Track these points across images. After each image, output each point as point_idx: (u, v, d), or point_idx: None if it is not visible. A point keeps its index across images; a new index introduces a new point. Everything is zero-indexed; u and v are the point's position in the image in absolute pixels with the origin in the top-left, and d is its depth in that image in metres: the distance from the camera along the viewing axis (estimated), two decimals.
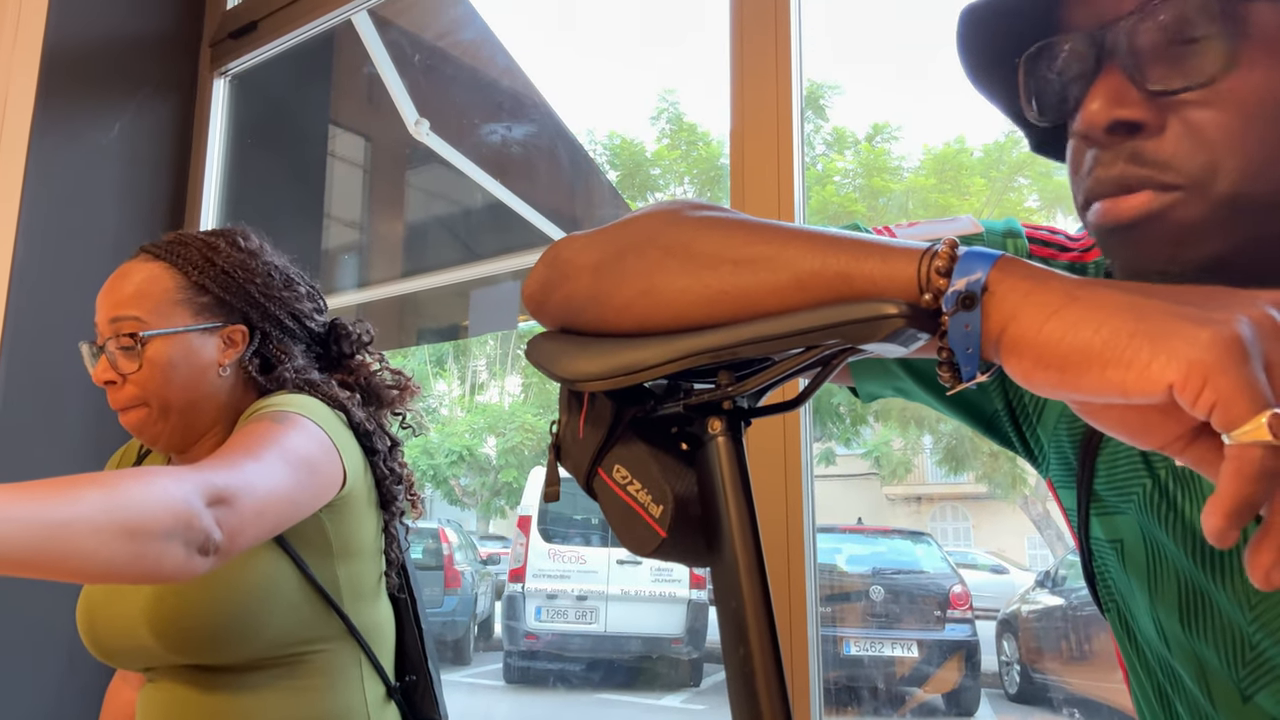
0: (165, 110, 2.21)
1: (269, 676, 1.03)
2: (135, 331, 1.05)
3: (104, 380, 1.06)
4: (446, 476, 12.69)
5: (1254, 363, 0.35)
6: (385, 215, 2.80)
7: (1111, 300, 0.39)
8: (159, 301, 1.07)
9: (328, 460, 1.00)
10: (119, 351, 1.06)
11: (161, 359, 1.06)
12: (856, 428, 10.72)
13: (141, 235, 2.21)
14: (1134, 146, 0.51)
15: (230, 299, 1.11)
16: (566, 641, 7.40)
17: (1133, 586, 0.60)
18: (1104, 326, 0.38)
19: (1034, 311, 0.41)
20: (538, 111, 2.79)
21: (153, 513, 0.74)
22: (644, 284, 0.53)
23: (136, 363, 1.05)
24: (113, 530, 0.71)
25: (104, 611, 1.06)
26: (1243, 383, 0.35)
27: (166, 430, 1.08)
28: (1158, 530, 0.58)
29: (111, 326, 1.07)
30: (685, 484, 0.51)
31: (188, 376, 1.07)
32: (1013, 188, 10.29)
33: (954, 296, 0.42)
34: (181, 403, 1.07)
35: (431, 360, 14.16)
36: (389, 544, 1.16)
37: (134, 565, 0.73)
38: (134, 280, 1.09)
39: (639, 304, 0.53)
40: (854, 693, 6.46)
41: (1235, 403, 0.35)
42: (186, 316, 1.08)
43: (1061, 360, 0.39)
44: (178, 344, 1.07)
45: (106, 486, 0.74)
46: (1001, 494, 10.79)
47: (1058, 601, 6.56)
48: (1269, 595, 0.52)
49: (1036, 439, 0.67)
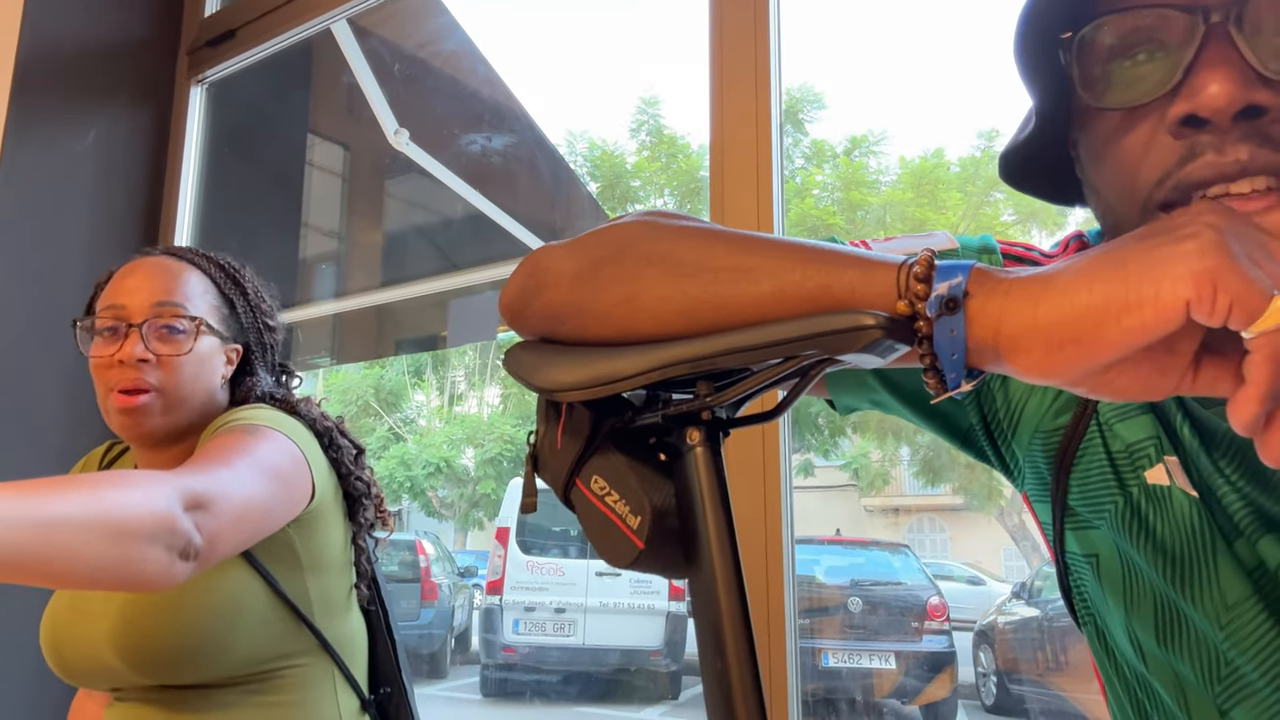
0: (141, 117, 2.19)
1: (241, 694, 1.02)
2: (197, 317, 1.08)
3: (136, 358, 1.05)
4: (424, 488, 12.61)
5: (1242, 258, 0.37)
6: (364, 225, 2.79)
7: (1086, 265, 0.40)
8: (200, 301, 1.11)
9: (297, 473, 1.00)
10: (160, 333, 1.06)
11: (201, 353, 1.09)
12: (835, 439, 10.76)
13: (116, 243, 2.19)
14: (1261, 130, 0.47)
15: (245, 322, 1.17)
16: (544, 654, 7.36)
17: (1109, 602, 0.60)
18: (1095, 285, 0.38)
19: (1021, 303, 0.41)
20: (518, 122, 2.79)
21: (137, 515, 0.73)
22: (623, 292, 0.52)
23: (189, 345, 1.07)
24: (99, 531, 0.70)
25: (68, 632, 1.03)
26: (1247, 276, 0.36)
27: (165, 422, 1.07)
28: (1129, 547, 0.58)
29: (157, 309, 1.07)
30: (663, 495, 0.51)
31: (206, 378, 1.10)
32: (988, 202, 10.39)
33: (937, 301, 0.42)
34: (192, 401, 1.08)
35: (410, 371, 14.08)
36: (358, 556, 1.15)
37: (120, 568, 0.72)
38: (178, 274, 1.11)
39: (618, 312, 0.52)
40: (832, 705, 6.46)
41: (1249, 296, 0.36)
42: (215, 323, 1.12)
43: (1074, 332, 0.39)
44: (210, 345, 1.11)
45: (86, 488, 0.72)
46: (978, 506, 10.85)
47: (1034, 613, 6.60)
48: (1239, 614, 0.52)
49: (1011, 454, 0.67)
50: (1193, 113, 0.48)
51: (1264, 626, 0.52)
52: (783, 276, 0.47)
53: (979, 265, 0.43)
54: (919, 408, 0.68)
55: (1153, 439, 0.58)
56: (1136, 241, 0.39)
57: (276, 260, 2.48)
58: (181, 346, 1.07)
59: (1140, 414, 0.59)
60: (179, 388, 1.07)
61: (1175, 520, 0.56)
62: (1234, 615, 0.53)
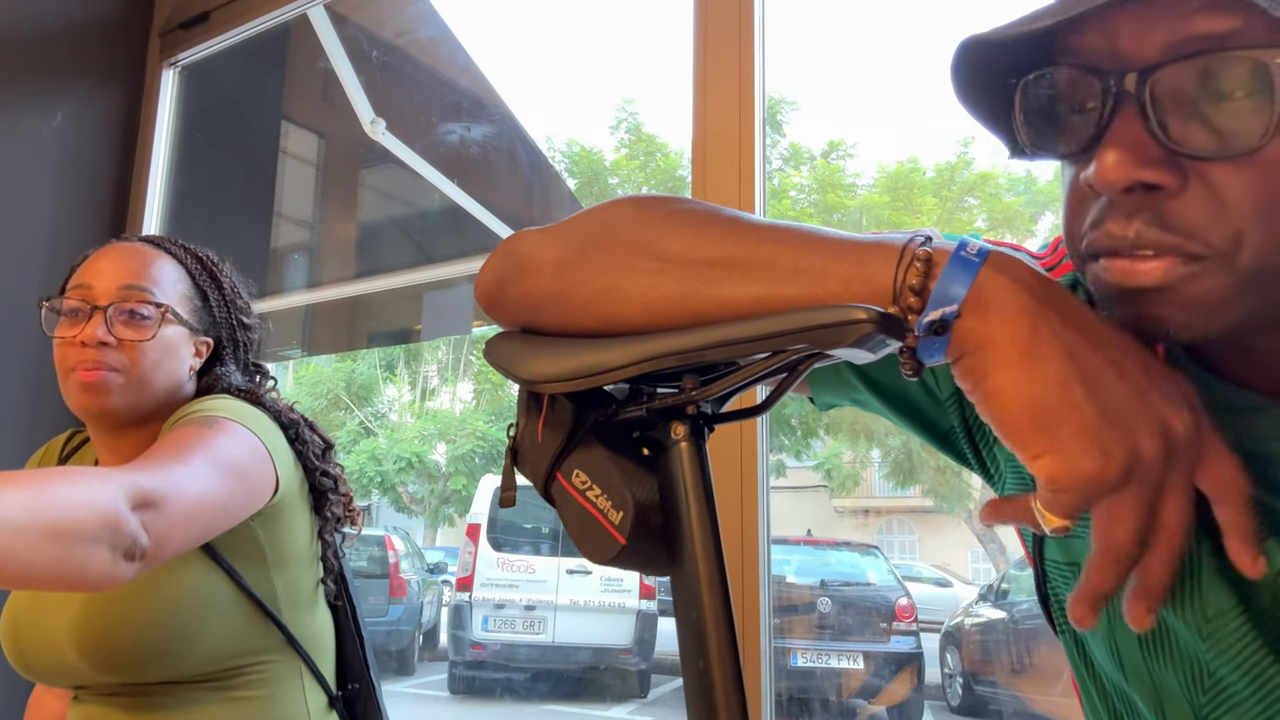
0: (111, 100, 2.14)
1: (206, 691, 1.00)
2: (163, 303, 1.07)
3: (98, 341, 1.03)
4: (394, 483, 12.51)
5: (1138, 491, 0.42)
6: (337, 215, 2.75)
7: (1062, 374, 0.42)
8: (171, 289, 1.10)
9: (259, 466, 0.98)
10: (123, 317, 1.05)
11: (166, 340, 1.07)
12: (807, 440, 10.81)
13: (82, 228, 2.14)
14: (1154, 206, 0.46)
15: (217, 316, 1.15)
16: (513, 651, 7.33)
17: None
18: (1047, 399, 0.42)
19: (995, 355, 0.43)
20: (496, 113, 2.77)
21: (79, 515, 0.71)
22: (609, 281, 0.51)
23: (151, 331, 1.05)
24: (35, 532, 0.67)
25: (29, 630, 1.01)
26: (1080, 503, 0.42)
27: (123, 405, 1.05)
28: None
29: (123, 292, 1.05)
30: (647, 490, 0.50)
31: (170, 367, 1.08)
32: (963, 208, 10.49)
33: (927, 326, 0.43)
34: (154, 388, 1.06)
35: (382, 365, 13.97)
36: (325, 550, 1.13)
37: (58, 570, 0.70)
38: (150, 260, 1.10)
39: (603, 301, 0.51)
40: (802, 704, 6.49)
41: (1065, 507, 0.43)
42: (185, 313, 1.11)
43: (1001, 415, 0.43)
44: (178, 334, 1.09)
45: (29, 485, 0.70)
46: (947, 509, 10.95)
47: (1000, 615, 6.67)
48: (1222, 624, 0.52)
49: (993, 457, 0.66)
50: (1087, 179, 0.48)
51: (1248, 636, 0.51)
52: (777, 266, 0.46)
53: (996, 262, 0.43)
54: (900, 408, 0.68)
55: None
56: (1118, 380, 0.43)
57: (248, 249, 2.44)
58: (145, 332, 1.05)
59: None
60: (141, 373, 1.05)
61: None
62: (1216, 626, 0.52)
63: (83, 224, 2.04)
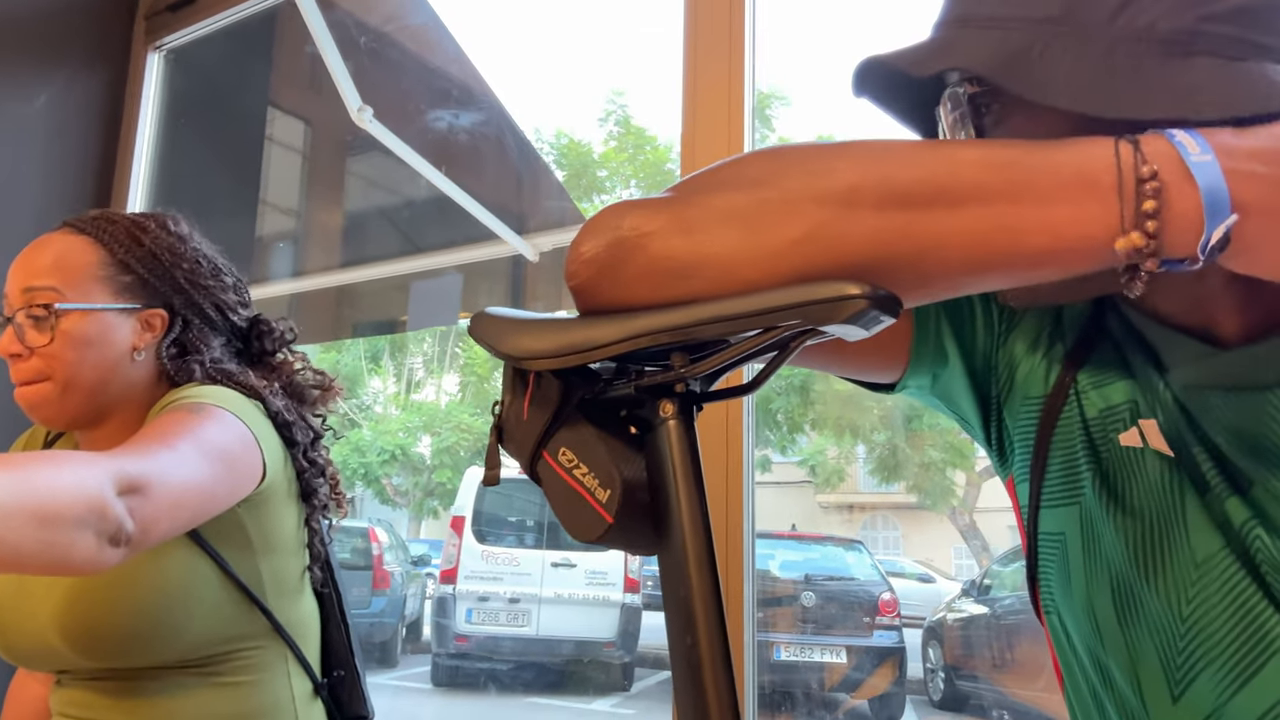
0: (95, 83, 2.12)
1: (191, 677, 0.99)
2: (50, 303, 1.00)
3: (9, 352, 1.01)
4: (378, 475, 12.46)
5: None
6: (324, 203, 2.73)
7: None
8: (78, 275, 1.02)
9: (246, 452, 0.96)
10: (29, 322, 1.01)
11: (75, 335, 1.01)
12: (793, 435, 10.83)
13: (64, 213, 2.10)
14: None
15: (154, 281, 1.06)
16: (497, 644, 7.32)
17: (1070, 579, 0.61)
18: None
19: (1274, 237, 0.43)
20: (485, 102, 2.75)
21: (65, 499, 0.70)
22: (797, 230, 0.46)
23: (48, 335, 1.00)
24: (21, 516, 0.67)
25: (13, 614, 1.00)
26: None
27: (65, 410, 1.02)
28: (1101, 518, 0.59)
29: (24, 296, 1.01)
30: (634, 468, 0.49)
31: (100, 357, 1.02)
32: None
33: (1215, 248, 0.42)
34: (88, 383, 1.02)
35: (367, 356, 13.91)
36: (311, 538, 1.12)
37: (43, 554, 0.69)
38: (53, 251, 1.04)
39: (792, 254, 0.46)
40: (785, 697, 6.51)
41: None
42: (106, 294, 1.03)
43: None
44: (94, 321, 1.02)
45: (15, 470, 0.69)
46: (931, 504, 11.00)
47: (982, 610, 6.71)
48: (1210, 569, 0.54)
49: (1006, 429, 0.68)
50: None
51: (1238, 575, 0.53)
52: (984, 194, 0.44)
53: (1231, 188, 0.42)
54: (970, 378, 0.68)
55: (1129, 403, 0.60)
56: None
57: (232, 236, 2.41)
58: (44, 336, 1.00)
59: (1117, 379, 0.61)
60: (66, 375, 1.01)
61: (1147, 482, 0.57)
62: (1205, 570, 0.54)
63: (65, 209, 2.01)
